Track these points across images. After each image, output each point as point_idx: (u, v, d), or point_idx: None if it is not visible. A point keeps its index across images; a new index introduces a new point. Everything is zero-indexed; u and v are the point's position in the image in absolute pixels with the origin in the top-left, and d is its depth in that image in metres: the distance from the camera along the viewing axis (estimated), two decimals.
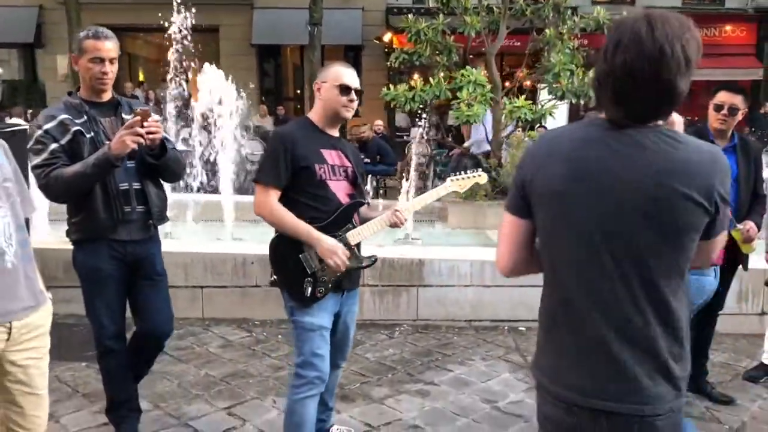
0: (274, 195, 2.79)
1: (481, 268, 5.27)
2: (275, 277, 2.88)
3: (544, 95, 9.18)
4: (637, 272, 1.57)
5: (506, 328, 5.22)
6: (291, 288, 2.83)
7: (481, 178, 3.23)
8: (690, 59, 1.53)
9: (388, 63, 9.27)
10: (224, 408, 3.76)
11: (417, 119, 10.15)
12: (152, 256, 3.28)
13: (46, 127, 2.98)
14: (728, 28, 19.22)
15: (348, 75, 2.87)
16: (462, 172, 3.24)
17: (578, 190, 1.60)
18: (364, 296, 5.23)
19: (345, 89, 2.83)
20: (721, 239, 1.66)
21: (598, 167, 1.59)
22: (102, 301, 3.15)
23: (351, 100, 2.85)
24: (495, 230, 6.62)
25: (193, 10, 8.69)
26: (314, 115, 2.93)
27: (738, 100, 3.79)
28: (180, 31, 8.69)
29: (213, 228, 7.17)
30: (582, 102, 8.51)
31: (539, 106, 8.60)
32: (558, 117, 11.83)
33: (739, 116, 3.81)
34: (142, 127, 2.92)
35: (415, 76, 9.25)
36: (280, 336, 4.89)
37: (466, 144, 10.25)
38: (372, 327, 5.15)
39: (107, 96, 3.15)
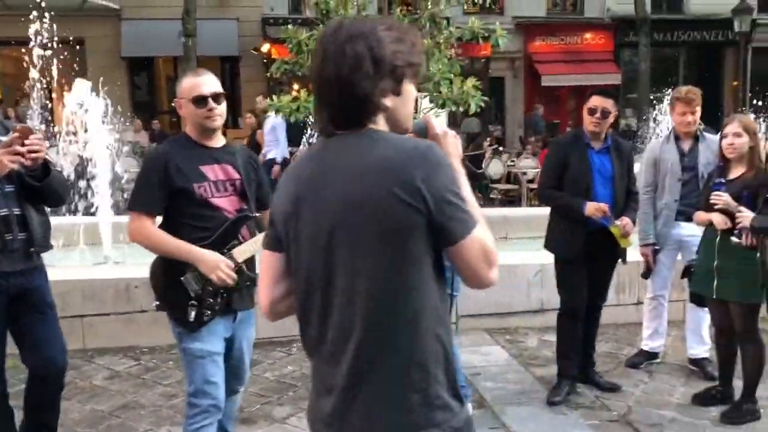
0: (149, 221, 2.66)
1: None
2: (157, 302, 2.74)
3: (425, 103, 9.37)
4: (363, 285, 1.48)
5: None
6: (175, 313, 2.70)
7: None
8: (380, 59, 1.49)
9: (268, 73, 9.12)
10: None
11: (305, 131, 10.08)
12: (40, 287, 3.05)
13: None
14: (588, 36, 20.56)
15: (201, 84, 2.74)
16: None
17: (303, 206, 1.55)
18: (257, 313, 5.08)
19: (200, 100, 2.71)
20: (473, 246, 1.48)
21: (312, 180, 1.54)
22: None
23: (211, 109, 2.72)
24: None
25: (53, 24, 8.17)
26: (190, 130, 2.80)
27: (609, 103, 4.01)
28: (41, 44, 8.15)
29: (90, 253, 6.75)
30: (461, 110, 8.72)
31: (420, 114, 8.76)
32: (438, 124, 12.08)
33: (611, 119, 4.04)
34: (23, 145, 2.69)
35: (295, 86, 9.17)
36: (171, 362, 4.65)
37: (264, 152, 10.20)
38: (269, 345, 5.01)
39: None
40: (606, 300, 4.30)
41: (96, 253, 6.67)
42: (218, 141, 2.85)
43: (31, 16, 8.60)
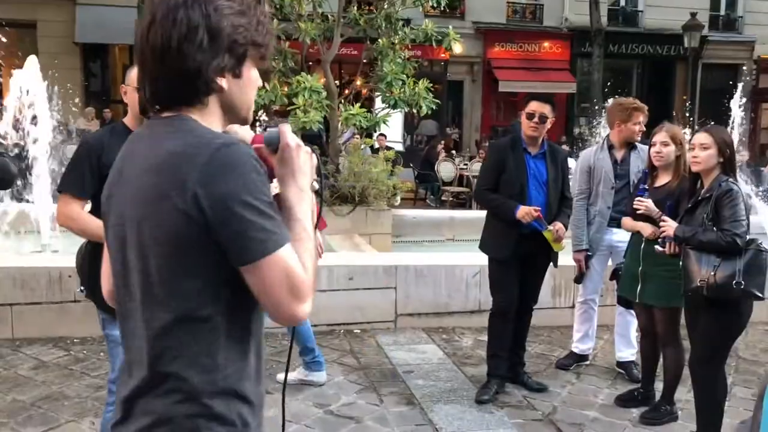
0: (77, 204, 2.64)
1: (317, 273, 5.28)
2: (82, 287, 2.71)
3: (379, 103, 9.42)
4: (142, 294, 1.32)
5: (342, 331, 5.28)
6: (98, 298, 2.67)
7: None
8: (218, 30, 1.30)
9: None
10: None
11: (257, 125, 10.01)
12: None
13: None
14: (546, 44, 20.90)
15: None
16: None
17: (112, 194, 1.40)
18: None
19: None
20: (270, 271, 1.24)
21: (119, 167, 1.40)
22: None
23: None
24: (334, 235, 6.65)
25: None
26: (128, 119, 2.79)
27: (547, 109, 4.10)
28: None
29: (27, 240, 6.59)
30: (414, 110, 8.79)
31: (375, 114, 8.79)
32: (393, 125, 12.14)
33: (548, 124, 4.12)
34: None
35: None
36: (102, 353, 4.57)
37: None
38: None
39: None
40: (537, 302, 4.39)
41: (35, 241, 6.52)
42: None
43: None
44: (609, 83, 19.15)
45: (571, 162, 5.50)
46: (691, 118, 18.30)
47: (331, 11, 8.84)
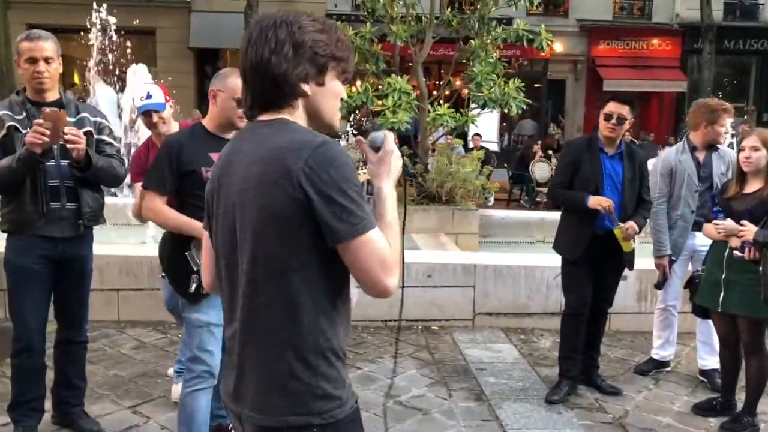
0: (159, 199, 2.90)
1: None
2: (163, 274, 2.98)
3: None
4: (253, 268, 1.53)
5: (419, 327, 5.40)
6: (178, 284, 2.93)
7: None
8: (300, 44, 1.54)
9: None
10: (129, 407, 3.81)
11: (348, 126, 10.32)
12: (84, 257, 3.40)
13: None
14: (655, 41, 20.09)
15: (240, 85, 2.95)
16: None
17: (218, 188, 1.63)
18: None
19: (238, 100, 2.92)
20: (363, 249, 1.47)
21: (225, 164, 1.63)
22: (26, 297, 3.24)
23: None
24: (420, 234, 6.78)
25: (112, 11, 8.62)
26: (208, 120, 3.02)
27: (625, 110, 4.05)
28: (107, 32, 8.62)
29: (135, 230, 7.13)
30: (505, 110, 8.77)
31: (465, 114, 8.85)
32: (489, 124, 12.10)
33: (627, 125, 4.07)
34: (56, 129, 2.99)
35: (358, 82, 9.40)
36: None
37: None
38: None
39: (52, 96, 3.24)
40: (611, 305, 4.32)
41: (141, 233, 7.04)
42: (231, 135, 3.08)
43: (99, 6, 9.08)
44: (725, 81, 18.17)
45: None
46: None
47: (425, 12, 8.97)
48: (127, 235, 6.90)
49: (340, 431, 1.56)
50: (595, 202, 3.92)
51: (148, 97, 3.68)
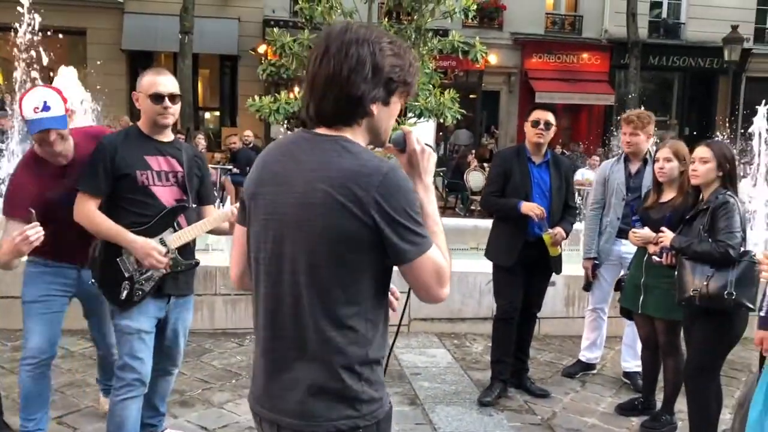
0: (92, 202, 2.84)
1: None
2: (93, 280, 2.92)
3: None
4: (303, 281, 1.57)
5: None
6: (108, 291, 2.88)
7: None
8: (379, 66, 1.57)
9: (258, 74, 9.39)
10: (55, 418, 3.69)
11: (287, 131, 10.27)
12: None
13: None
14: (585, 56, 20.77)
15: (160, 83, 2.92)
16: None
17: (263, 191, 1.64)
18: (215, 305, 5.27)
19: (157, 98, 2.90)
20: (425, 267, 1.57)
21: (277, 170, 1.63)
22: None
23: (165, 107, 2.92)
24: None
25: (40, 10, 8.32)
26: (142, 123, 3.00)
27: (550, 116, 4.21)
28: (35, 32, 8.30)
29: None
30: (441, 120, 8.94)
31: (405, 122, 8.96)
32: (425, 134, 12.22)
33: (552, 131, 4.22)
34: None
35: (296, 89, 9.40)
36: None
37: None
38: (222, 336, 5.19)
39: None
40: (540, 309, 4.47)
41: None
42: (167, 136, 3.04)
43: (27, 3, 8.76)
44: (647, 96, 18.95)
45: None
46: (732, 134, 17.97)
47: (362, 21, 9.05)
48: None
49: (381, 429, 1.65)
50: (527, 208, 4.05)
51: (45, 108, 2.86)
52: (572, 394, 4.50)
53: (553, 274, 4.40)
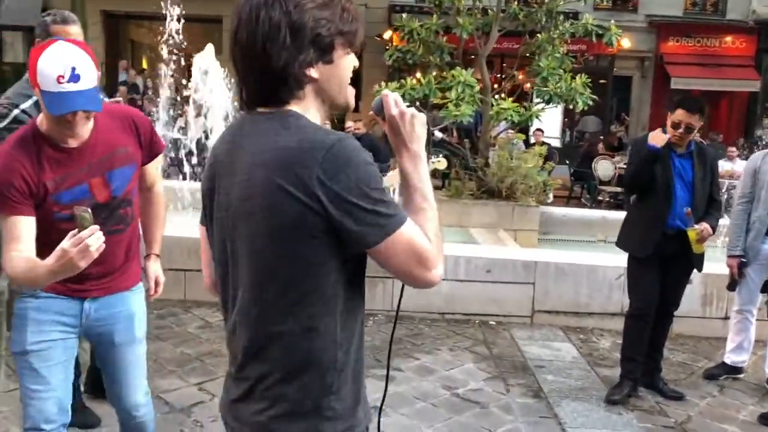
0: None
1: (456, 263, 5.43)
2: None
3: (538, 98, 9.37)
4: (259, 281, 1.35)
5: (477, 321, 5.40)
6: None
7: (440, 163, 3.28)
8: (300, 27, 1.31)
9: (383, 60, 9.47)
10: (196, 384, 3.94)
11: None
12: None
13: None
14: (728, 39, 19.34)
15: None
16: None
17: (217, 185, 1.44)
18: None
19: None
20: (396, 249, 1.30)
21: (225, 160, 1.42)
22: None
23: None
24: (479, 228, 6.77)
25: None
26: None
27: (695, 119, 3.89)
28: (178, 19, 8.83)
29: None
30: (570, 106, 8.64)
31: (528, 108, 8.76)
32: (551, 120, 11.91)
33: (694, 133, 3.95)
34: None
35: (418, 74, 9.42)
36: None
37: None
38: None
39: None
40: (678, 307, 4.22)
41: None
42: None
43: None
44: None
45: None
46: None
47: (491, 5, 8.90)
48: (193, 218, 7.11)
49: None
50: (652, 138, 3.88)
51: (74, 78, 2.00)
52: (709, 398, 4.25)
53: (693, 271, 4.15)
